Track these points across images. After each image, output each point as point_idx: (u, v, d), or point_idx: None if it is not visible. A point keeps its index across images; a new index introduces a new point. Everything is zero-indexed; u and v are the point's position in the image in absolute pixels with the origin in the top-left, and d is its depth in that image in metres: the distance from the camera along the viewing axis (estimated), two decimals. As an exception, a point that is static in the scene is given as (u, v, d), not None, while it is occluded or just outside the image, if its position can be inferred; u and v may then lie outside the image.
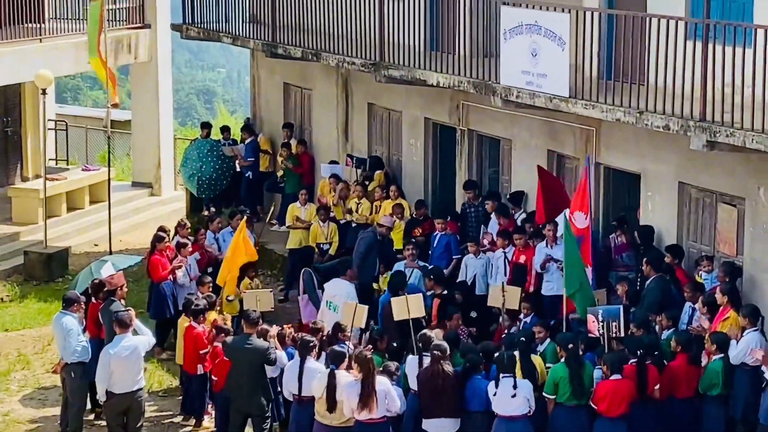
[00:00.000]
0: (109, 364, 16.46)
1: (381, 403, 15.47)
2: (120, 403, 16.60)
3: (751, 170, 17.35)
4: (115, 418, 16.73)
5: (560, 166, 21.30)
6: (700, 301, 17.04)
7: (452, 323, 17.87)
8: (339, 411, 15.59)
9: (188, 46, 51.33)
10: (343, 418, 15.60)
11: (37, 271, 25.30)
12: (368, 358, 15.63)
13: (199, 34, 28.45)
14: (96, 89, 62.81)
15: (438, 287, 19.26)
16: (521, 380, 15.68)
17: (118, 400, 16.60)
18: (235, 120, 38.36)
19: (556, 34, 18.64)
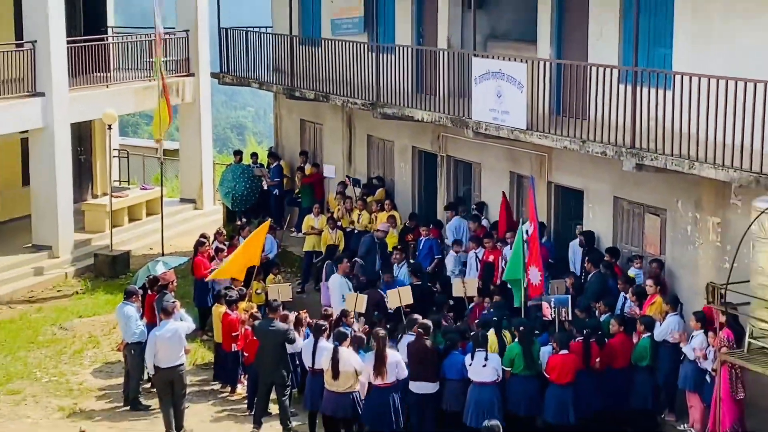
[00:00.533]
0: (155, 344, 16.42)
1: (392, 371, 15.48)
2: (165, 375, 16.52)
3: (671, 187, 17.34)
4: (162, 387, 16.65)
5: (519, 185, 21.26)
6: (631, 291, 17.05)
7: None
8: (342, 379, 15.55)
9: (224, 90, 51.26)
10: (347, 385, 15.55)
11: (104, 269, 25.26)
12: (382, 335, 15.68)
13: (232, 81, 28.41)
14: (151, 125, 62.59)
15: (415, 278, 19.28)
16: (491, 354, 15.66)
17: (164, 373, 16.52)
18: (262, 148, 38.26)
19: (516, 80, 18.61)
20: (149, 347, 16.57)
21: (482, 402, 15.49)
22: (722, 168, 15.02)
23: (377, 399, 15.40)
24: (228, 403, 18.05)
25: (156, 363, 16.46)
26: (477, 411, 15.47)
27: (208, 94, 30.73)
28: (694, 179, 16.35)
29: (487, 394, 15.55)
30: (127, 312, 17.64)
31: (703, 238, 16.95)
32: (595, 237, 19.02)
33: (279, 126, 29.60)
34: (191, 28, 29.71)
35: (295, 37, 26.02)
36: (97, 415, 17.57)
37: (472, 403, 15.55)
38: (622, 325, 16.14)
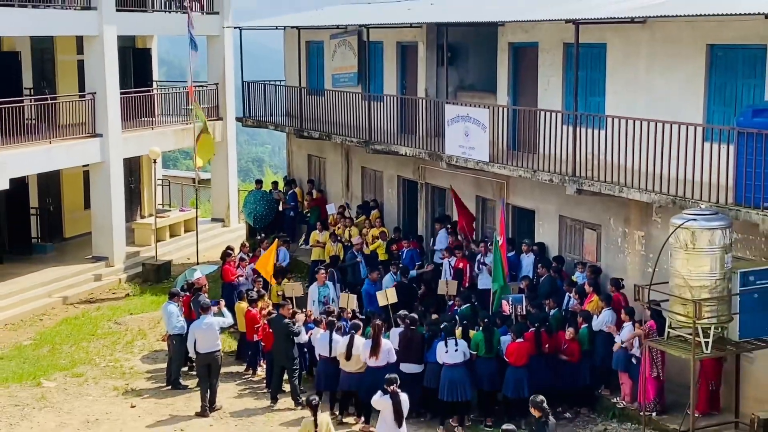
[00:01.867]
0: (193, 333, 16.56)
1: (384, 355, 15.51)
2: (204, 358, 16.56)
3: (605, 207, 17.38)
4: (202, 369, 16.66)
5: (484, 206, 21.27)
6: (574, 291, 17.05)
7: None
8: (353, 361, 15.63)
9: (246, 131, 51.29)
10: (358, 365, 15.63)
11: (150, 276, 25.18)
12: (379, 324, 15.75)
13: (253, 123, 28.43)
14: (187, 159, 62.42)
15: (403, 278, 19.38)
16: (459, 340, 15.64)
17: (203, 357, 16.57)
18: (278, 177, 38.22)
19: (480, 122, 18.66)
20: (189, 336, 16.68)
21: (455, 380, 15.47)
22: (646, 192, 15.07)
23: (372, 377, 15.38)
24: (250, 383, 17.99)
25: (197, 349, 16.54)
26: (451, 388, 15.44)
27: (233, 134, 30.72)
28: (623, 201, 16.39)
29: (458, 373, 15.52)
30: (170, 309, 17.64)
31: (631, 248, 16.97)
32: (546, 247, 19.05)
33: (291, 159, 29.61)
34: (220, 81, 29.71)
35: (304, 89, 26.05)
36: (145, 393, 17.52)
37: (447, 381, 15.51)
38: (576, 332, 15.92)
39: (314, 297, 19.25)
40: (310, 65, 27.44)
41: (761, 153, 13.18)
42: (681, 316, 13.52)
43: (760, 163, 13.20)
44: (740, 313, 13.47)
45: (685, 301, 13.39)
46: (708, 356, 13.59)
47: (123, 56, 27.23)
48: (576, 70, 16.63)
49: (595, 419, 15.87)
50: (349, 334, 15.97)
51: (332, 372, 16.14)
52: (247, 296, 18.31)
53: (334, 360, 16.08)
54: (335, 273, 20.32)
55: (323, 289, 19.31)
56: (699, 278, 13.28)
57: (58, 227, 27.36)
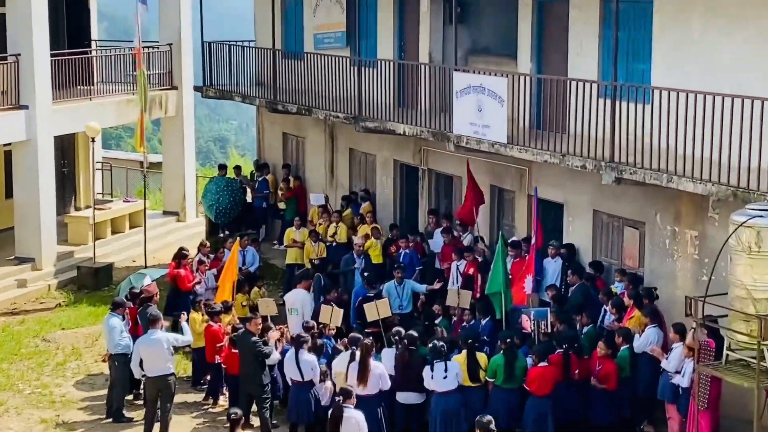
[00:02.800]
0: (139, 351, 16.60)
1: (375, 382, 15.62)
2: (153, 383, 16.59)
3: (650, 200, 17.42)
4: (150, 396, 16.70)
5: (501, 198, 21.31)
6: (610, 305, 17.10)
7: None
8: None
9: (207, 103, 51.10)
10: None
11: (87, 281, 25.19)
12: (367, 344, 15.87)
13: (215, 94, 28.44)
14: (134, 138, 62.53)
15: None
16: (451, 362, 15.67)
17: (151, 382, 16.61)
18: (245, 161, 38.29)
19: (496, 94, 18.68)
20: (134, 355, 16.76)
21: (448, 411, 15.51)
22: (700, 182, 15.10)
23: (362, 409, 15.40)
24: (210, 415, 17.99)
25: (145, 372, 16.57)
26: (444, 420, 15.48)
27: (191, 107, 30.72)
28: (673, 193, 16.43)
29: (451, 402, 15.57)
30: (113, 324, 17.64)
31: (682, 251, 17.02)
32: (576, 250, 19.08)
33: (261, 139, 29.62)
34: (174, 42, 29.70)
35: (278, 51, 26.06)
36: (79, 427, 17.50)
37: (439, 413, 15.55)
38: (610, 348, 16.06)
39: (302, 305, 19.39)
40: (287, 23, 27.42)
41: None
42: (742, 336, 13.55)
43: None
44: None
45: (747, 316, 13.41)
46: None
47: (55, 10, 27.19)
48: (615, 31, 16.65)
49: (635, 462, 15.98)
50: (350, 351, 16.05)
51: (304, 400, 16.17)
52: (208, 308, 18.33)
53: (308, 385, 16.13)
54: (321, 279, 20.33)
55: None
56: (766, 289, 13.30)
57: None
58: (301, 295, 19.60)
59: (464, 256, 19.80)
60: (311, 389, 16.22)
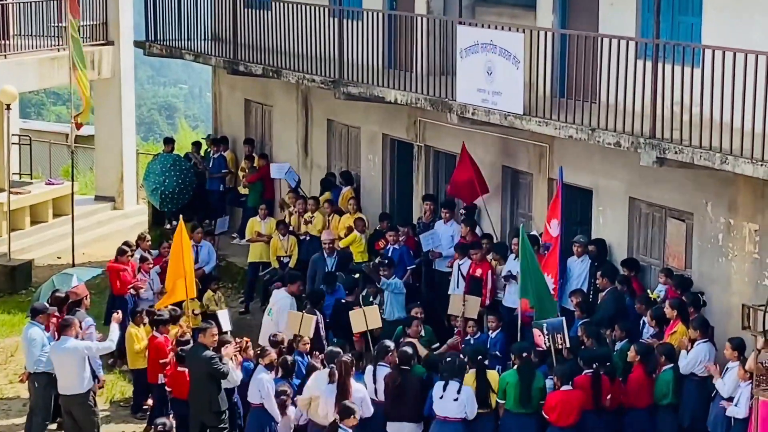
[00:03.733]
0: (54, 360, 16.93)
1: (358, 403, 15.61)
2: (65, 403, 16.90)
3: (699, 186, 17.49)
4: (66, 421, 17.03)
5: (515, 182, 21.38)
6: (649, 315, 17.17)
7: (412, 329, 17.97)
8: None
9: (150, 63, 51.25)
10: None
11: (1, 283, 25.18)
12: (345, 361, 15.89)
13: (161, 51, 28.38)
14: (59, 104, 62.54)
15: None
16: (465, 386, 15.81)
17: (63, 401, 16.94)
18: (197, 135, 38.32)
19: (510, 53, 18.72)
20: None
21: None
22: (762, 163, 15.17)
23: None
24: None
25: (58, 389, 16.90)
26: None
27: (130, 67, 30.73)
28: (728, 177, 16.51)
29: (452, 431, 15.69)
30: (31, 335, 17.63)
31: (738, 248, 17.11)
32: (608, 247, 19.16)
33: (218, 108, 29.63)
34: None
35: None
36: (-10, 463, 17.58)
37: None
38: (644, 355, 16.20)
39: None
40: (251, -37, 27.47)
41: None
42: (813, 353, 13.66)
43: None
44: None
45: (819, 330, 13.52)
46: None
47: (-39, -56, 27.15)
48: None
49: None
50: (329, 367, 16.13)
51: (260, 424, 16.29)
52: (153, 315, 18.35)
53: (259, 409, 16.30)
54: (316, 316, 20.01)
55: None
56: (841, 296, 13.42)
57: None
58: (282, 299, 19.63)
59: (469, 254, 19.84)
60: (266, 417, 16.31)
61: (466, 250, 20.03)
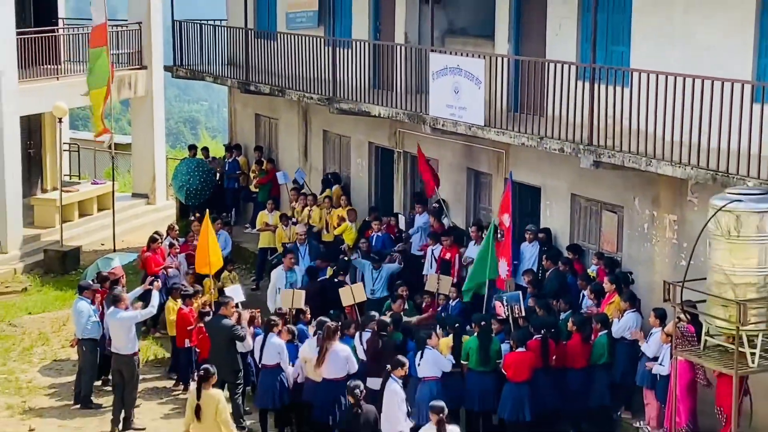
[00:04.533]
0: (108, 326, 16.96)
1: (342, 365, 15.67)
2: (115, 361, 16.83)
3: (628, 184, 17.51)
4: (115, 375, 16.95)
5: (477, 182, 21.37)
6: (588, 290, 17.20)
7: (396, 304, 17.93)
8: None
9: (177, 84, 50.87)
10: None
11: (54, 265, 25.13)
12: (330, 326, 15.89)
13: (186, 74, 28.32)
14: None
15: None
16: (433, 350, 15.77)
17: (114, 360, 16.86)
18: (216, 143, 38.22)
19: (473, 75, 18.70)
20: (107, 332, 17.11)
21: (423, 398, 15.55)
22: (679, 165, 15.19)
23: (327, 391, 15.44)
24: (179, 401, 18.00)
25: (112, 349, 16.86)
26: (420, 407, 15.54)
27: (161, 87, 30.65)
28: (652, 176, 16.52)
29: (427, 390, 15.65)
30: (80, 307, 17.64)
31: (660, 235, 17.13)
32: (553, 235, 19.17)
33: (233, 121, 29.56)
34: (144, 21, 29.60)
35: (250, 31, 25.96)
36: (47, 413, 17.49)
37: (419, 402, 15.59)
38: (580, 325, 16.24)
39: (280, 284, 19.44)
40: (259, 2, 27.34)
41: (824, 118, 13.34)
42: (721, 321, 13.66)
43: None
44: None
45: (726, 302, 13.52)
46: (754, 371, 13.75)
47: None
48: (594, 12, 16.69)
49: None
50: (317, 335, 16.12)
51: (272, 385, 16.27)
52: (180, 291, 18.34)
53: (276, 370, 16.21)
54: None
55: (291, 275, 19.62)
56: (744, 274, 13.39)
57: (-64, 203, 27.27)
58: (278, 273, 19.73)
59: (441, 240, 19.84)
60: (279, 374, 16.27)
61: (438, 238, 20.02)
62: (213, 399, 14.01)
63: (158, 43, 30.06)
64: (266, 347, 16.26)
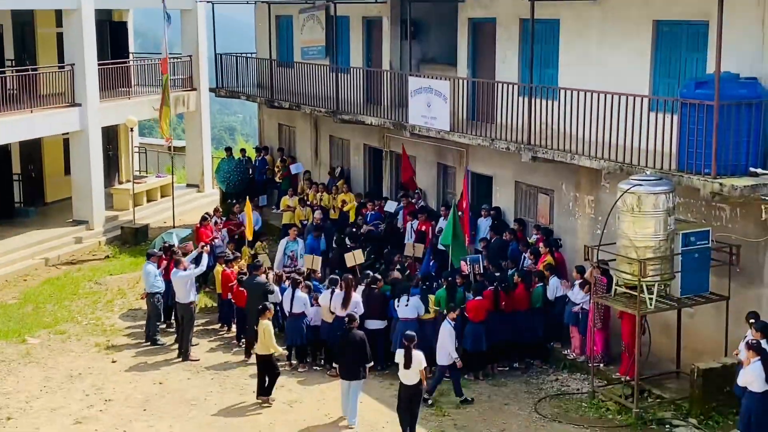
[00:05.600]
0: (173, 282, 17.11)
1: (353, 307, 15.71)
2: (179, 309, 16.96)
3: (558, 173, 17.56)
4: (179, 318, 17.10)
5: (445, 173, 21.39)
6: (529, 252, 17.24)
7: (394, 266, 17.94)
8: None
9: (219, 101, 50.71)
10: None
11: (128, 238, 25.07)
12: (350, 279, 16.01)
13: (225, 94, 28.23)
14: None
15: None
16: (412, 297, 15.76)
17: (178, 307, 16.99)
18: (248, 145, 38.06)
19: (441, 93, 18.71)
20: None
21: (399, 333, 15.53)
22: (595, 159, 15.26)
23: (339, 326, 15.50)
24: (224, 339, 18.07)
25: (175, 299, 17.07)
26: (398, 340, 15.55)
27: (207, 104, 30.51)
28: (575, 167, 16.58)
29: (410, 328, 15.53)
30: (147, 269, 17.66)
31: (581, 211, 17.20)
32: (502, 211, 19.23)
33: (262, 128, 29.50)
34: (194, 53, 29.46)
35: (274, 61, 25.89)
36: (125, 349, 17.53)
37: (399, 336, 15.60)
38: (524, 277, 16.30)
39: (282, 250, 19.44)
40: (280, 38, 27.27)
41: (702, 122, 13.38)
42: (627, 275, 13.77)
43: (701, 132, 13.42)
44: (682, 272, 13.75)
45: (631, 260, 13.63)
46: (652, 311, 13.87)
47: (100, 29, 26.86)
48: (531, 45, 16.71)
49: (547, 370, 16.16)
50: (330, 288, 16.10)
51: (297, 327, 16.28)
52: (223, 257, 18.38)
53: (300, 317, 16.22)
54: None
55: (292, 244, 19.51)
56: (644, 239, 13.51)
57: (39, 192, 27.12)
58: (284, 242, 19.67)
59: (417, 216, 19.88)
60: (303, 320, 16.30)
61: (415, 215, 20.05)
62: (264, 327, 14.49)
63: (204, 71, 29.89)
64: (295, 300, 16.27)
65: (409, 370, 13.19)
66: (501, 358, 16.26)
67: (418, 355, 13.31)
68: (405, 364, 13.22)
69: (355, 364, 14.03)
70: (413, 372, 13.20)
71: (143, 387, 15.68)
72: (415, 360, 13.21)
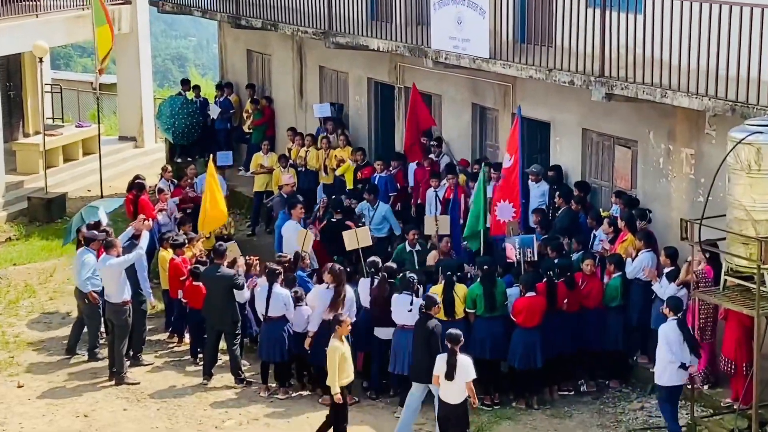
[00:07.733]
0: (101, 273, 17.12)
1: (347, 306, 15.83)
2: (108, 310, 17.04)
3: (643, 117, 17.53)
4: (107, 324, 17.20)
5: (483, 117, 21.36)
6: (606, 223, 17.18)
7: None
8: None
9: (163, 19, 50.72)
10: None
11: (39, 213, 25.18)
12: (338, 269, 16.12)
13: (173, 8, 28.22)
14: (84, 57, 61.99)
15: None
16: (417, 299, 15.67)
17: (108, 308, 17.04)
18: (206, 81, 38.11)
19: (477, 5, 18.64)
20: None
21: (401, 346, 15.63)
22: (696, 96, 15.18)
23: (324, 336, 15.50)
24: (174, 354, 18.13)
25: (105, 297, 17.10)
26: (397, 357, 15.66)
27: (146, 23, 30.52)
28: (667, 109, 16.53)
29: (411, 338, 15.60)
30: (87, 260, 17.50)
31: (677, 170, 17.16)
32: (564, 172, 19.20)
33: (224, 57, 29.48)
34: (126, -50, 29.45)
35: (240, -40, 25.84)
36: (35, 368, 17.56)
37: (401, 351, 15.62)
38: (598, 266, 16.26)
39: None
40: (249, -71, 27.19)
41: None
42: (742, 260, 13.73)
43: None
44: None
45: (747, 239, 13.58)
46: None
47: None
48: (605, -65, 16.62)
49: (628, 394, 16.24)
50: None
51: (276, 337, 16.30)
52: (170, 240, 18.35)
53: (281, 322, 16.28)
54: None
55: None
56: (766, 209, 13.47)
57: None
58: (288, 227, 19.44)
59: (448, 178, 19.74)
60: (284, 326, 16.32)
61: (440, 178, 20.02)
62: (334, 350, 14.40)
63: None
64: (272, 298, 16.27)
65: (453, 381, 13.18)
66: (562, 378, 16.29)
67: (465, 361, 13.28)
68: (447, 374, 13.21)
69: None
70: (457, 385, 13.20)
71: (61, 421, 15.70)
72: (460, 368, 13.19)
